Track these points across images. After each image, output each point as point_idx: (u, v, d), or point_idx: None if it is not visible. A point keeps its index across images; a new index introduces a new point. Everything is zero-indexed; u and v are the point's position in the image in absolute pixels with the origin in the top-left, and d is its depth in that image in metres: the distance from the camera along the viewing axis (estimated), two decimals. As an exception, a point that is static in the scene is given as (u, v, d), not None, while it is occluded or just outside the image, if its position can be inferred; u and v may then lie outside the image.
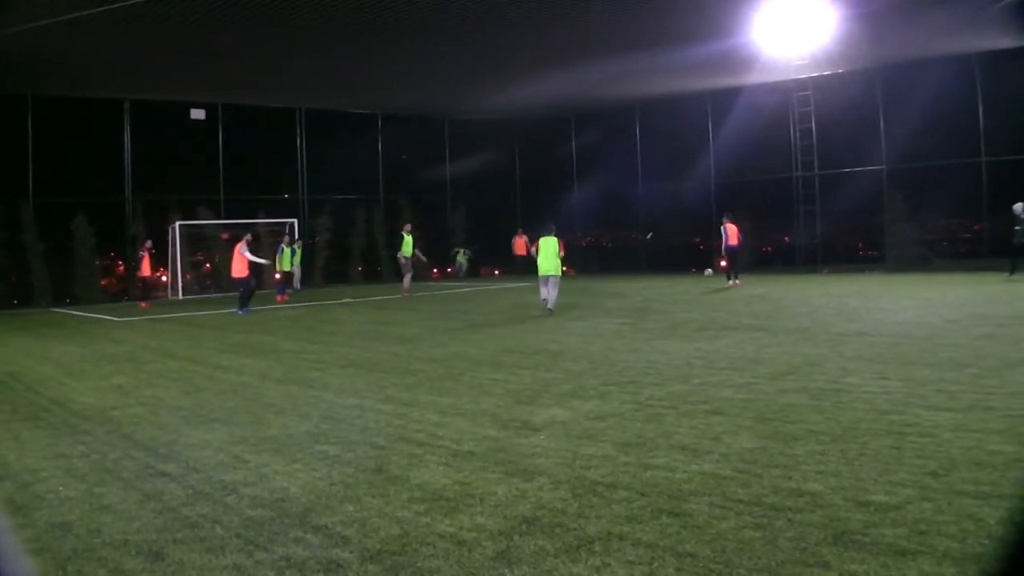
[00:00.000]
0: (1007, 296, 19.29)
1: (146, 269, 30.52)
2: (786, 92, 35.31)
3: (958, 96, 30.52)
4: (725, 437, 7.29)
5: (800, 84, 34.70)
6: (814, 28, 24.57)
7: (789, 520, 5.11)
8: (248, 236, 25.26)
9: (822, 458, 6.48)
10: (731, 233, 27.71)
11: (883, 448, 6.68)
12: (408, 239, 29.23)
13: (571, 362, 12.40)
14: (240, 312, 23.68)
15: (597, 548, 4.80)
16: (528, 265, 28.20)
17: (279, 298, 29.10)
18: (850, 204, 33.12)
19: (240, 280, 24.35)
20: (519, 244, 35.54)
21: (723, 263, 29.06)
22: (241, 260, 24.12)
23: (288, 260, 30.37)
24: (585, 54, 27.69)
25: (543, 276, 20.34)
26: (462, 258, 37.12)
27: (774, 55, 27.45)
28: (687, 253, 38.27)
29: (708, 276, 26.26)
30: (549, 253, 20.37)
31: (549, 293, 20.18)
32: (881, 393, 8.98)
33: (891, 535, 4.78)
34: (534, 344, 14.62)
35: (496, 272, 41.99)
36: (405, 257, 29.24)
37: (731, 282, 27.06)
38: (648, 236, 40.72)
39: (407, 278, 29.35)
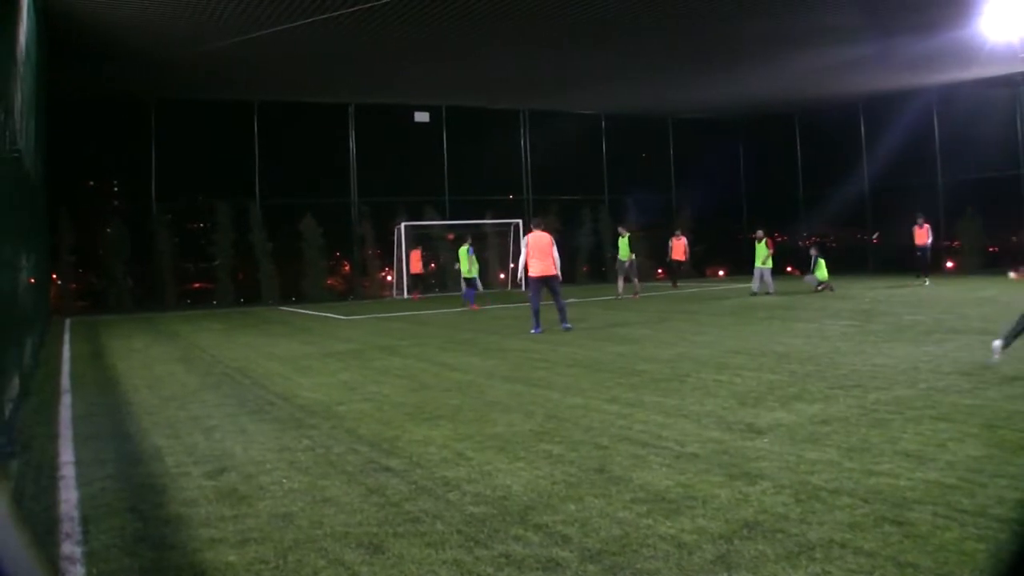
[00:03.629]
0: None
1: (416, 265, 33.29)
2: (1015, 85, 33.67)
3: None
4: (951, 444, 7.18)
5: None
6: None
7: (1014, 532, 4.96)
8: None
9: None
10: (919, 234, 28.72)
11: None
12: (623, 241, 29.04)
13: (796, 364, 12.32)
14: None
15: (818, 555, 4.83)
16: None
17: (472, 307, 26.73)
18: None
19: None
20: (677, 247, 34.11)
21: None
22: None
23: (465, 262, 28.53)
24: (806, 47, 27.22)
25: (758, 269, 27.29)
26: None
27: (1000, 45, 26.21)
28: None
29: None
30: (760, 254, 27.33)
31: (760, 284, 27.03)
32: None
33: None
34: (759, 346, 14.57)
35: (721, 272, 41.69)
36: (621, 260, 29.14)
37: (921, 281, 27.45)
38: (875, 236, 39.45)
39: (621, 280, 29.13)
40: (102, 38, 22.23)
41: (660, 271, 40.08)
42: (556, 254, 18.33)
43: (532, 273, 18.38)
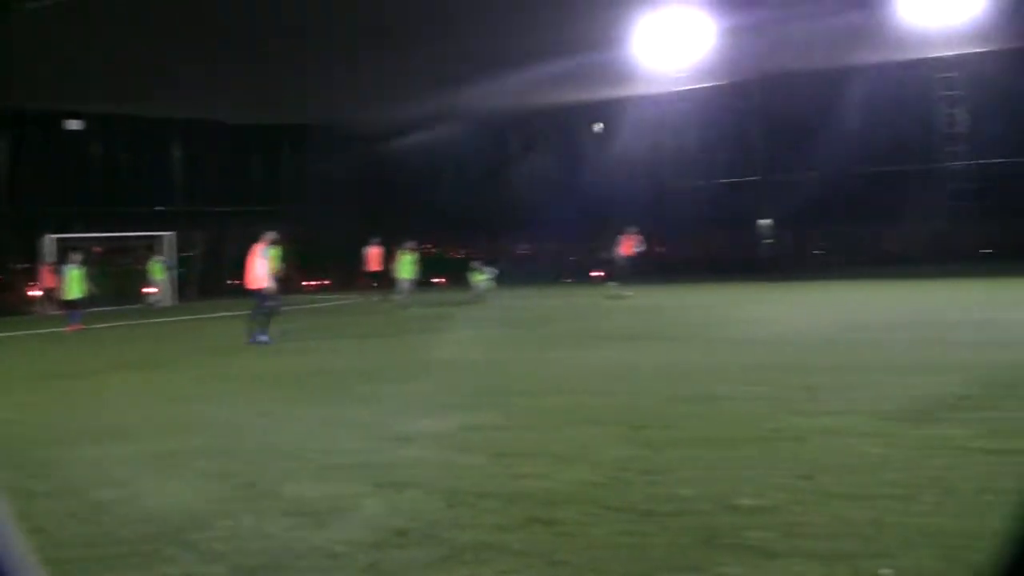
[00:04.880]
0: None
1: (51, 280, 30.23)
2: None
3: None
4: (598, 445, 7.28)
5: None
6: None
7: (660, 525, 5.10)
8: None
9: (693, 464, 6.51)
10: (625, 244, 27.94)
11: (754, 453, 6.75)
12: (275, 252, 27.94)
13: (447, 372, 12.38)
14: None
15: (468, 558, 4.72)
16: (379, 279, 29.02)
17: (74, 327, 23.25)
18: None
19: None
20: (373, 257, 32.57)
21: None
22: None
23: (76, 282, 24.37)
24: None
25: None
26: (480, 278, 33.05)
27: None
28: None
29: None
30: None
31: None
32: (753, 399, 9.12)
33: (762, 537, 4.80)
34: (410, 356, 14.64)
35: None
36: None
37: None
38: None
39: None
40: None
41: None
42: (261, 265, 17.40)
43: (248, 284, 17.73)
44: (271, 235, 17.89)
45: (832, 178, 32.51)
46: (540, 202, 37.01)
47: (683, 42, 27.04)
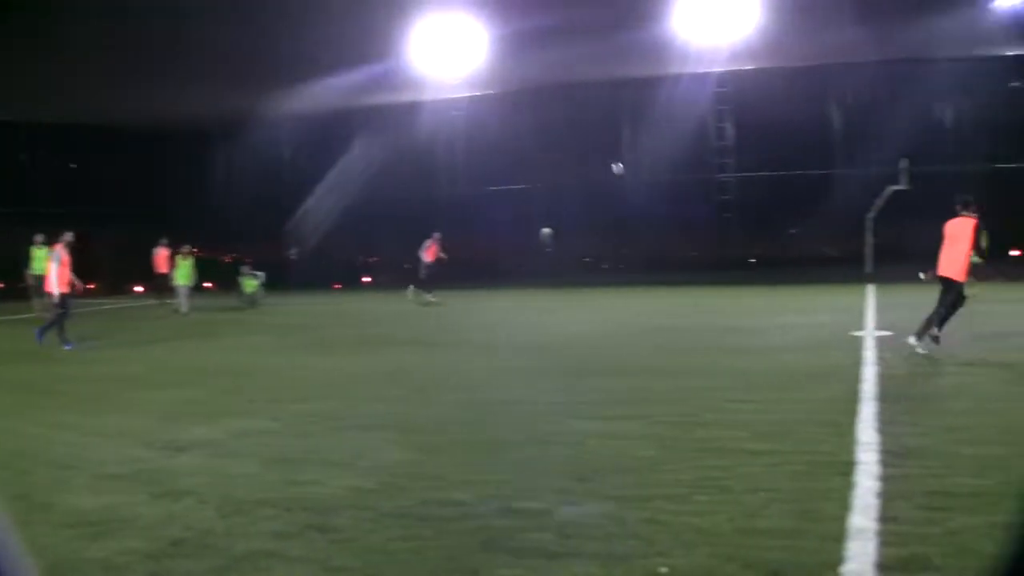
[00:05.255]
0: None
1: None
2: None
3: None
4: (373, 451, 7.33)
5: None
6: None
7: (437, 530, 5.18)
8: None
9: (469, 468, 6.63)
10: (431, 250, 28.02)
11: (530, 456, 6.96)
12: (39, 252, 26.31)
13: (220, 379, 12.16)
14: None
15: (246, 566, 4.69)
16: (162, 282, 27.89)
17: None
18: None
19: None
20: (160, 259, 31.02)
21: None
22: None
23: None
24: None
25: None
26: (250, 283, 31.62)
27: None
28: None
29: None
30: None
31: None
32: (529, 403, 9.36)
33: (538, 539, 4.96)
34: (184, 362, 14.30)
35: (141, 289, 40.03)
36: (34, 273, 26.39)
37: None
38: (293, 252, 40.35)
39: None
40: None
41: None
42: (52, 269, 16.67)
43: None
44: (67, 236, 17.12)
45: (608, 188, 33.63)
46: (310, 207, 37.05)
47: (458, 50, 27.31)
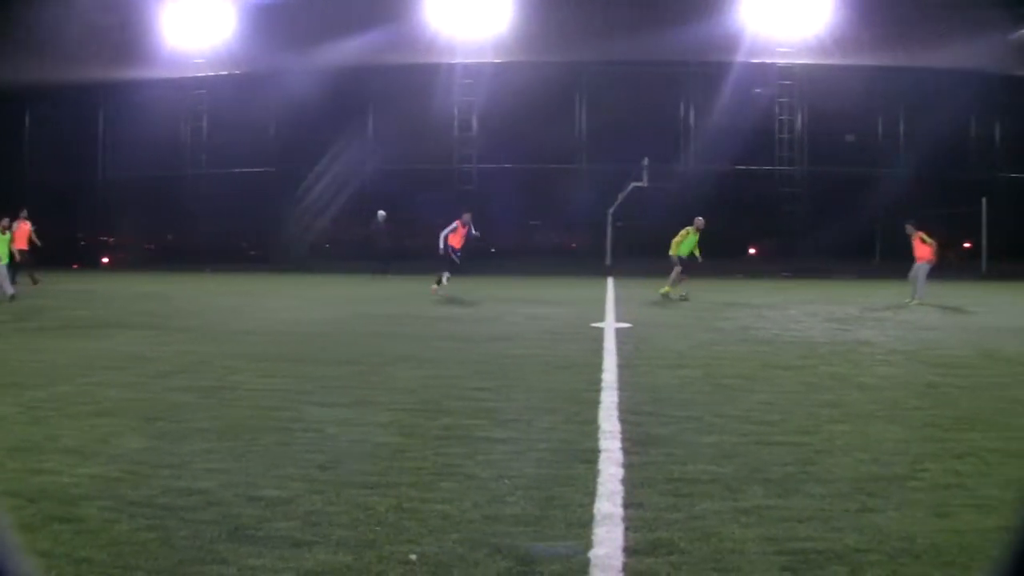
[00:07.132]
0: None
1: None
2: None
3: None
4: (113, 438, 7.11)
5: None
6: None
7: (183, 519, 5.11)
8: None
9: (211, 456, 6.56)
10: None
11: (271, 444, 6.93)
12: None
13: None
14: None
15: None
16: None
17: None
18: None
19: None
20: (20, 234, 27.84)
21: None
22: None
23: None
24: None
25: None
26: None
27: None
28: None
29: None
30: None
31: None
32: (267, 390, 9.30)
33: (285, 528, 4.97)
34: None
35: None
36: None
37: None
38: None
39: None
40: None
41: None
42: None
43: None
44: None
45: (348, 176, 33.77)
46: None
47: (204, 28, 26.48)
